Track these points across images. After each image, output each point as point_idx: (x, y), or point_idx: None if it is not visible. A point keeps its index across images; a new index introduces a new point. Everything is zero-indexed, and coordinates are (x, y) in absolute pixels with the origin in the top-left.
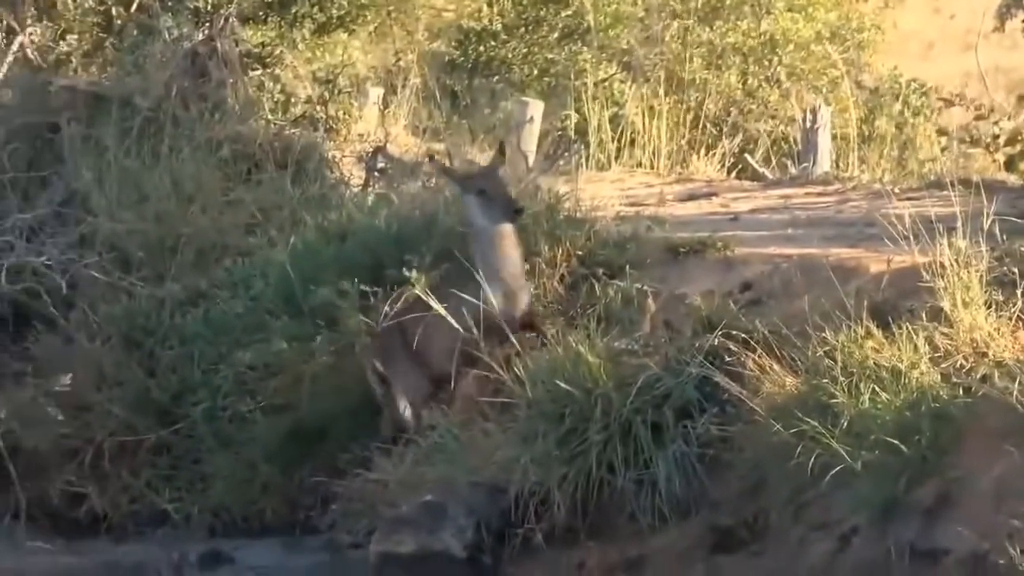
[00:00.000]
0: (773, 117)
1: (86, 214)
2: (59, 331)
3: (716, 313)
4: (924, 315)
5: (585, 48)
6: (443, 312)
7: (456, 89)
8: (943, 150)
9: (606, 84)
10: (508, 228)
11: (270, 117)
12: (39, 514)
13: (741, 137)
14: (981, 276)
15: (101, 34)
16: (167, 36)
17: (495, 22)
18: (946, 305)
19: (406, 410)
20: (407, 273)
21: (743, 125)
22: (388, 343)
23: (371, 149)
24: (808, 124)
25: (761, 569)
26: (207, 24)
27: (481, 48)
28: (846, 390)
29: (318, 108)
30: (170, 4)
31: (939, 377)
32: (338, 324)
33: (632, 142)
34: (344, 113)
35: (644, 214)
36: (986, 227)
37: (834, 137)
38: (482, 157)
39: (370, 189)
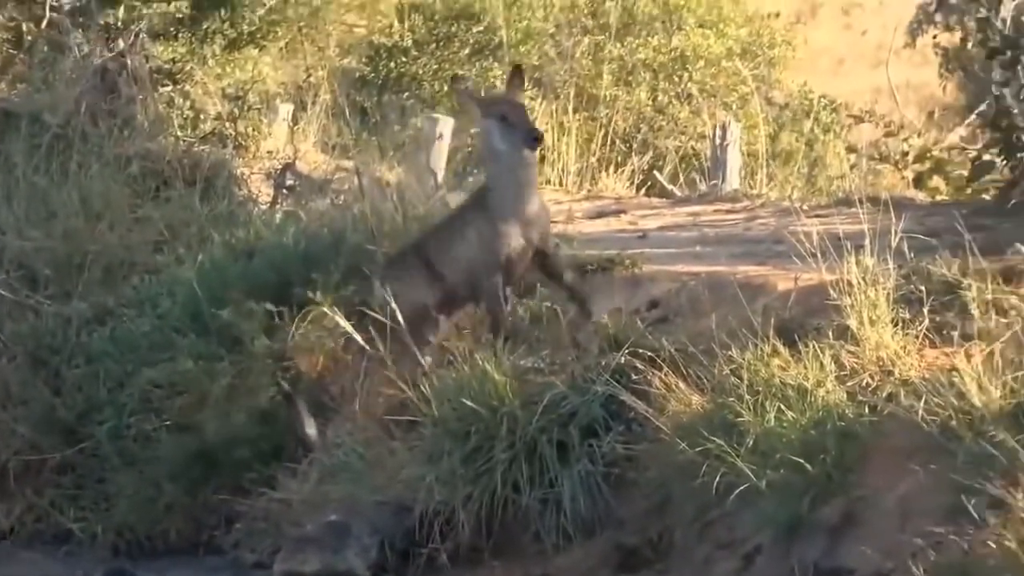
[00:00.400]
0: (683, 134)
1: None
2: None
3: (623, 331)
4: (831, 333)
5: (496, 64)
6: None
7: (366, 105)
8: (852, 167)
9: None
10: (528, 156)
11: (179, 134)
12: None
13: (650, 154)
14: (888, 294)
15: (11, 50)
16: (77, 52)
17: (406, 38)
18: (853, 323)
19: (311, 428)
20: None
21: (653, 142)
22: (404, 261)
23: (280, 166)
24: (717, 141)
25: None
26: (117, 40)
27: (392, 64)
28: (752, 408)
29: (227, 125)
30: (80, 20)
31: (845, 395)
32: (243, 343)
33: (541, 159)
34: (253, 130)
35: (553, 231)
36: (894, 245)
37: (744, 154)
38: (392, 173)
39: (278, 206)
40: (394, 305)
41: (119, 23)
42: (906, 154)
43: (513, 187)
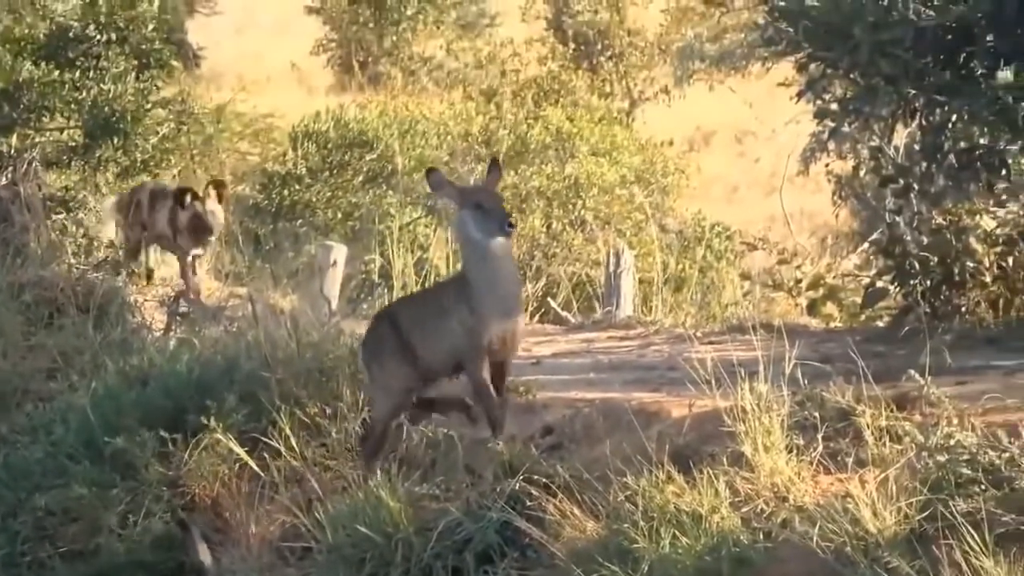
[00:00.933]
0: (577, 260)
1: None
2: None
3: (518, 457)
4: (725, 459)
5: (390, 192)
6: None
7: (259, 233)
8: (745, 294)
9: (410, 228)
10: (504, 243)
11: (73, 261)
12: None
13: (544, 281)
14: (782, 421)
15: None
16: None
17: (299, 166)
18: (747, 450)
19: (205, 555)
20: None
21: (546, 269)
22: (379, 334)
23: (173, 294)
24: (611, 267)
25: None
26: (10, 168)
27: (285, 192)
28: (647, 535)
29: (120, 252)
30: None
31: (740, 522)
32: (137, 470)
33: None
34: (146, 257)
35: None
36: (788, 371)
37: (638, 280)
38: (286, 300)
39: (172, 333)
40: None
41: (12, 151)
42: (799, 281)
43: (490, 274)
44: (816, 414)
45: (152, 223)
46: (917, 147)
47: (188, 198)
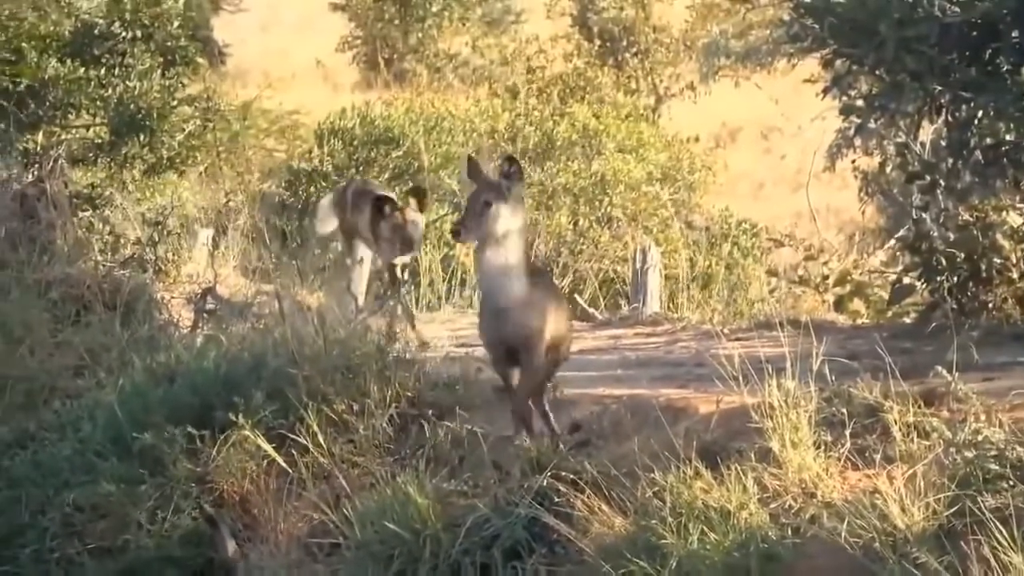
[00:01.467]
0: (603, 257)
1: None
2: None
3: (545, 454)
4: (753, 456)
5: None
6: None
7: (286, 229)
8: (772, 291)
9: (437, 225)
10: (483, 244)
11: (99, 258)
12: None
13: (571, 277)
14: (810, 417)
15: None
16: None
17: (325, 163)
18: (775, 446)
19: (233, 551)
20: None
21: (573, 265)
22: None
23: (200, 290)
24: (638, 264)
25: None
26: (36, 166)
27: (311, 188)
28: (675, 531)
29: (147, 249)
30: None
31: (767, 517)
32: (166, 466)
33: (463, 282)
34: (173, 254)
35: (474, 355)
36: (815, 368)
37: (665, 277)
38: (313, 297)
39: (199, 330)
40: None
41: (38, 149)
42: (826, 277)
43: (479, 270)
44: (844, 410)
45: (355, 222)
46: (943, 143)
47: (388, 208)
